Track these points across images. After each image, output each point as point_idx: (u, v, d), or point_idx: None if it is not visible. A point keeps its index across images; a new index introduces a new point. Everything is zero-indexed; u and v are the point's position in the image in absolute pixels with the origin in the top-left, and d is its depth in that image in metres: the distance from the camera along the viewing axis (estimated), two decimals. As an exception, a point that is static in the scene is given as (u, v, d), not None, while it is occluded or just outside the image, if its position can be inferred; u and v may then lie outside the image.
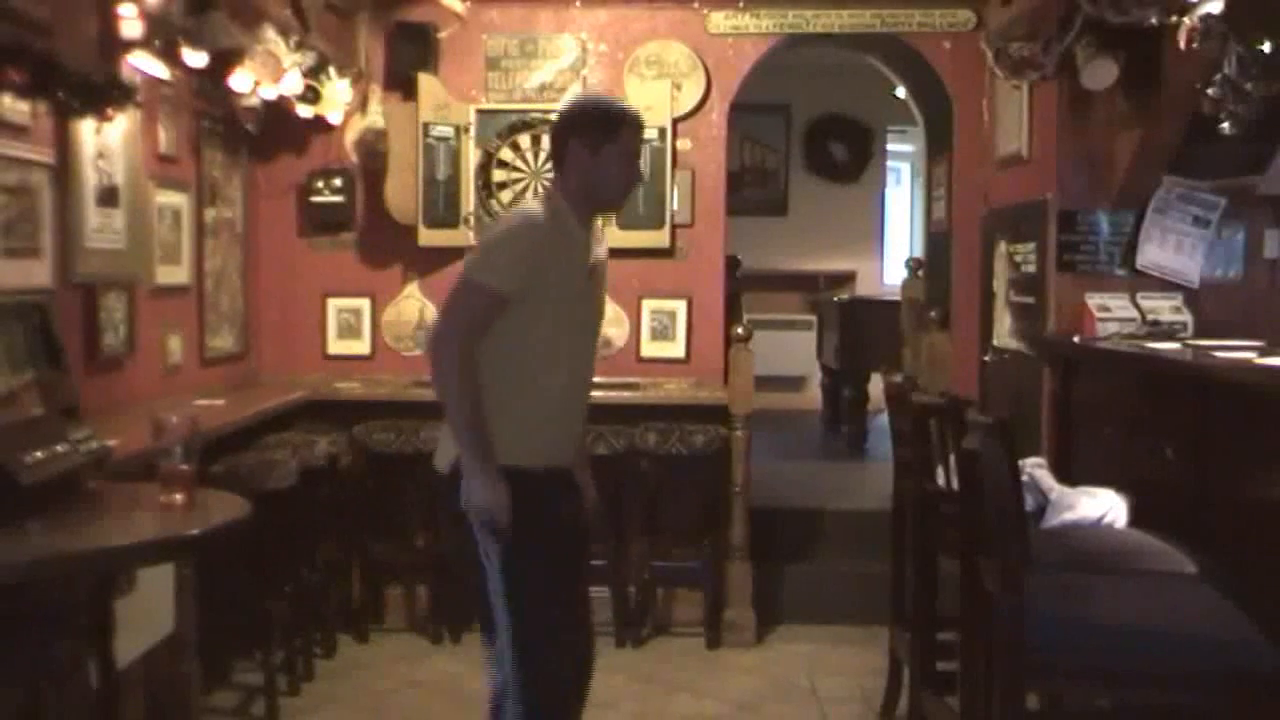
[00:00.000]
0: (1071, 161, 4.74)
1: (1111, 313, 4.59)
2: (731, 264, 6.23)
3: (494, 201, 5.60)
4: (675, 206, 5.56)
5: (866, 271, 10.42)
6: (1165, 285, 4.68)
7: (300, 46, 4.76)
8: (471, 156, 5.58)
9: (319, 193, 5.58)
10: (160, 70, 4.13)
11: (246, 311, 5.47)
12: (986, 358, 5.47)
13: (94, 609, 2.95)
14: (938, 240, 6.68)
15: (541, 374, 2.87)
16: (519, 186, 5.61)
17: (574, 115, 2.97)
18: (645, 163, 3.14)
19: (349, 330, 5.71)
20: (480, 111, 5.59)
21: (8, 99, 3.29)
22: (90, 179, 3.89)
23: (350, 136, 5.55)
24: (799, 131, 10.55)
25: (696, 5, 5.61)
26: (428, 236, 5.51)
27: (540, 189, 5.40)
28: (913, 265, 7.59)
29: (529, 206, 3.07)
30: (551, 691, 2.86)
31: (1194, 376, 3.63)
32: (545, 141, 5.57)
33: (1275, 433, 3.12)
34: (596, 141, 2.86)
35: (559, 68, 5.64)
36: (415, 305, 5.67)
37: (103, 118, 3.59)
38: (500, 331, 2.82)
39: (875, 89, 8.61)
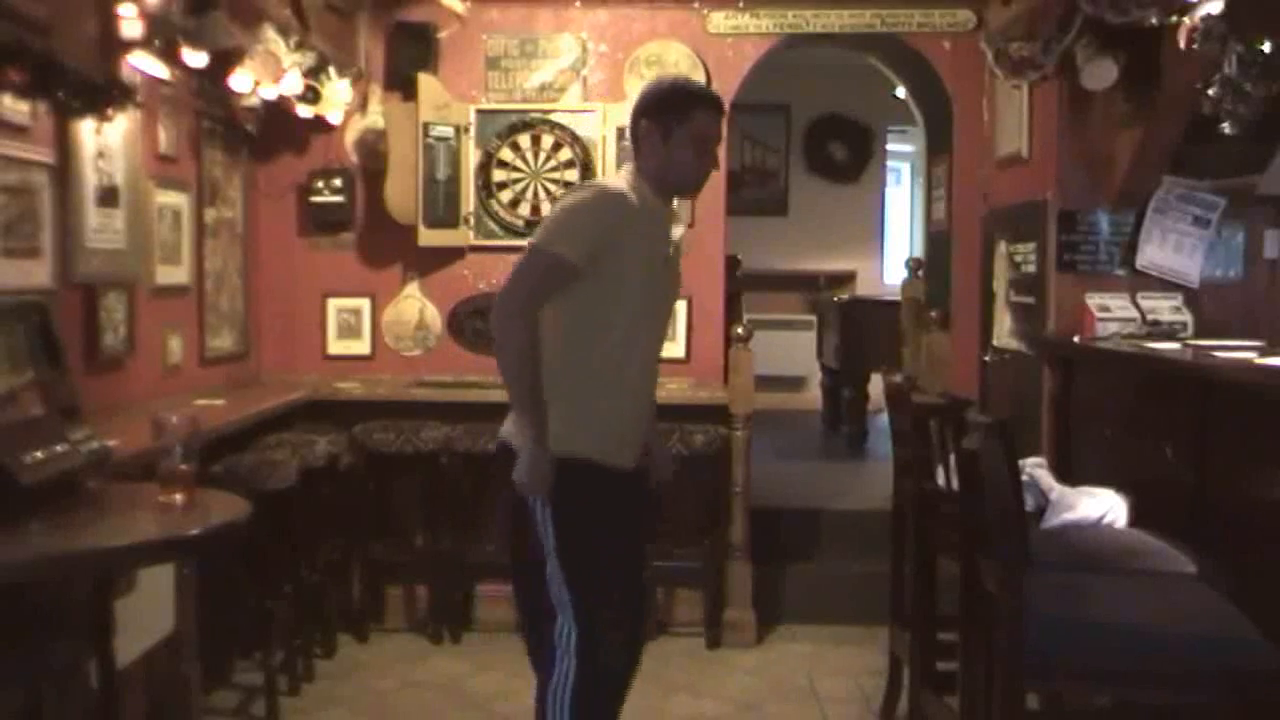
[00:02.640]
0: (1071, 161, 4.74)
1: (1111, 313, 4.58)
2: (731, 264, 6.23)
3: (494, 201, 5.60)
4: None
5: (866, 271, 10.41)
6: (1165, 285, 4.68)
7: (300, 46, 4.76)
8: (471, 156, 5.58)
9: (319, 193, 5.58)
10: (160, 70, 4.13)
11: (246, 311, 5.47)
12: (986, 358, 5.47)
13: (94, 609, 2.95)
14: (938, 240, 6.68)
15: (613, 363, 2.81)
16: (519, 186, 5.61)
17: (648, 96, 2.88)
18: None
19: (349, 330, 5.71)
20: (480, 111, 5.60)
21: (8, 99, 3.29)
22: (90, 179, 3.89)
23: (350, 136, 5.55)
24: (799, 131, 10.55)
25: (696, 5, 5.61)
26: (428, 236, 5.51)
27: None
28: (913, 265, 7.59)
29: (610, 179, 2.97)
30: (613, 671, 2.85)
31: (1194, 376, 3.63)
32: (545, 141, 5.60)
33: (1275, 433, 3.12)
34: (668, 124, 2.78)
35: (559, 68, 5.64)
36: (415, 305, 5.67)
37: (103, 118, 3.59)
38: (573, 313, 2.77)
39: (875, 89, 8.61)
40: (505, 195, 5.61)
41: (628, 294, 2.78)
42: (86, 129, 3.80)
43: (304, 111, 5.07)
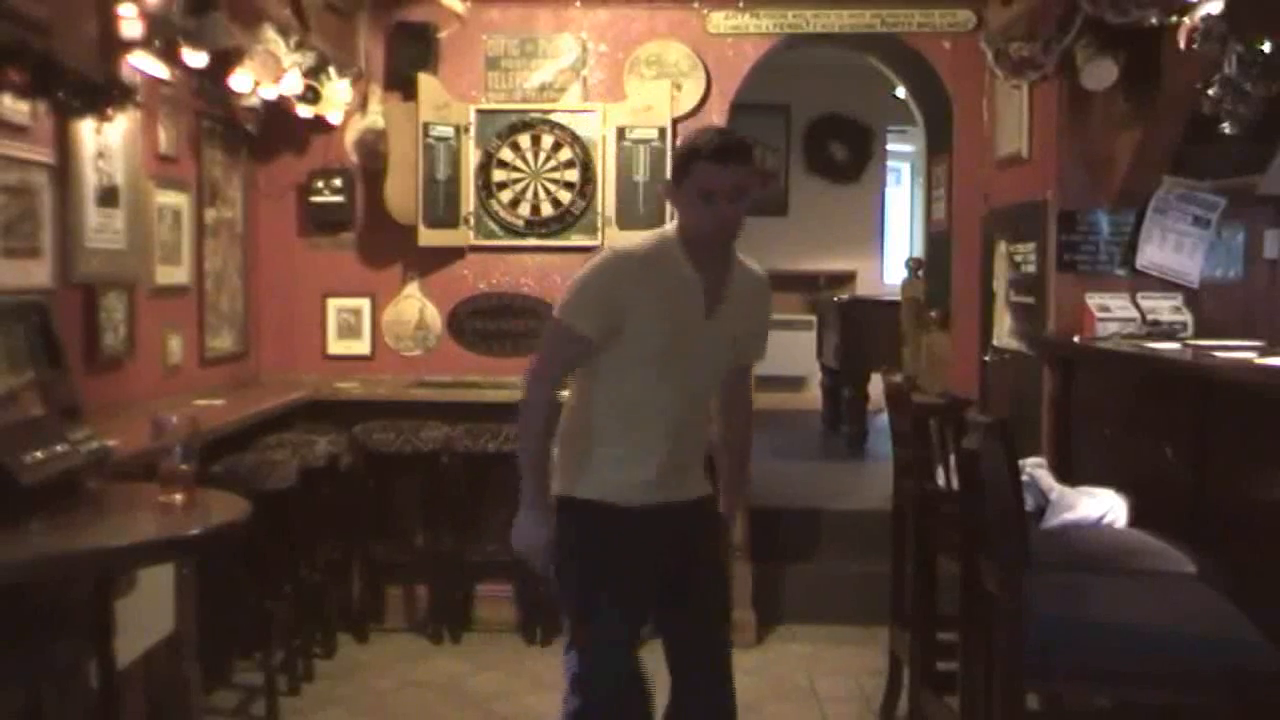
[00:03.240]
0: (1071, 161, 4.73)
1: (1111, 313, 4.58)
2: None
3: (494, 201, 5.60)
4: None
5: (866, 271, 10.42)
6: (1165, 285, 4.68)
7: (300, 46, 4.76)
8: (471, 156, 5.58)
9: (319, 193, 5.58)
10: (160, 70, 4.13)
11: (246, 311, 5.47)
12: (986, 358, 5.47)
13: (94, 609, 2.95)
14: (938, 240, 6.68)
15: (622, 409, 2.81)
16: (519, 186, 5.61)
17: (676, 148, 2.93)
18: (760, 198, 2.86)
19: (349, 330, 5.70)
20: (480, 111, 5.59)
21: (8, 99, 3.29)
22: (90, 179, 3.89)
23: (350, 136, 5.55)
24: (799, 131, 10.56)
25: (696, 5, 5.61)
26: (428, 236, 5.51)
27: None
28: (913, 265, 7.59)
29: (639, 237, 2.94)
30: (593, 701, 2.83)
31: (1194, 376, 3.63)
32: (545, 141, 5.60)
33: (1275, 433, 3.12)
34: (678, 179, 2.79)
35: (559, 68, 5.64)
36: (415, 305, 5.67)
37: (103, 118, 3.59)
38: (591, 365, 2.81)
39: (875, 89, 8.62)
40: (505, 195, 5.61)
41: (645, 349, 2.77)
42: (86, 129, 3.80)
43: (304, 111, 5.07)
